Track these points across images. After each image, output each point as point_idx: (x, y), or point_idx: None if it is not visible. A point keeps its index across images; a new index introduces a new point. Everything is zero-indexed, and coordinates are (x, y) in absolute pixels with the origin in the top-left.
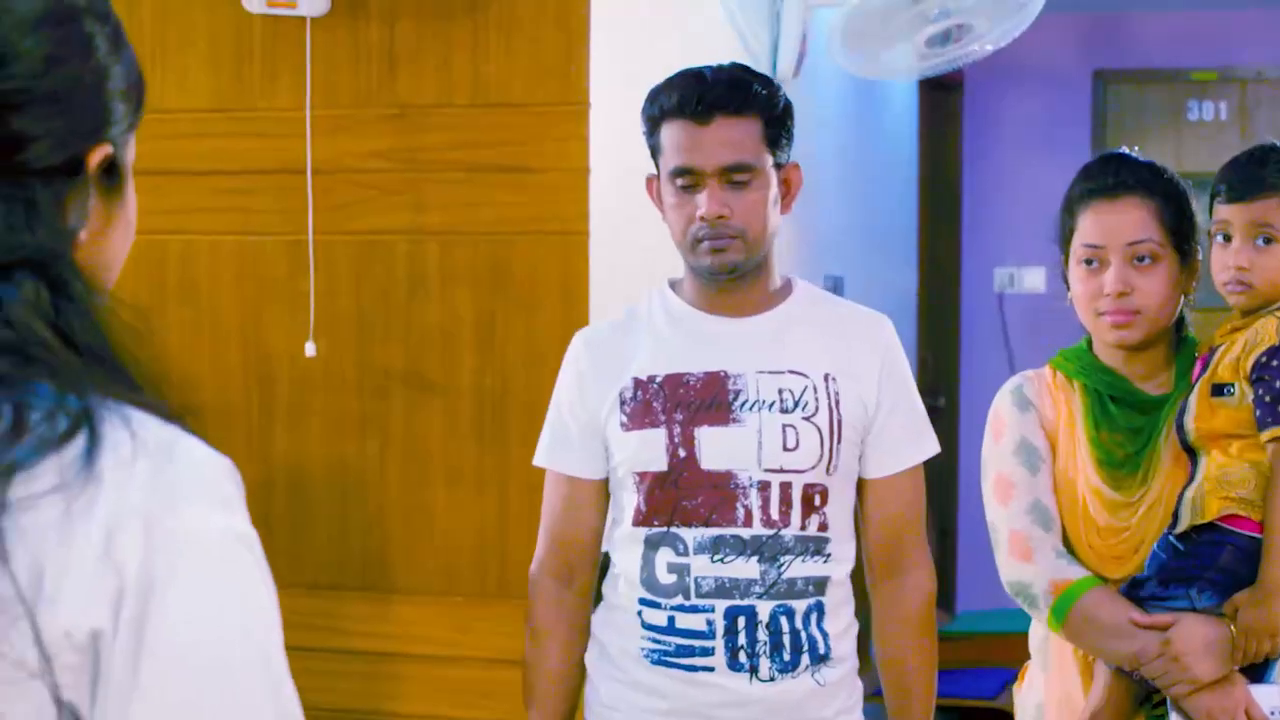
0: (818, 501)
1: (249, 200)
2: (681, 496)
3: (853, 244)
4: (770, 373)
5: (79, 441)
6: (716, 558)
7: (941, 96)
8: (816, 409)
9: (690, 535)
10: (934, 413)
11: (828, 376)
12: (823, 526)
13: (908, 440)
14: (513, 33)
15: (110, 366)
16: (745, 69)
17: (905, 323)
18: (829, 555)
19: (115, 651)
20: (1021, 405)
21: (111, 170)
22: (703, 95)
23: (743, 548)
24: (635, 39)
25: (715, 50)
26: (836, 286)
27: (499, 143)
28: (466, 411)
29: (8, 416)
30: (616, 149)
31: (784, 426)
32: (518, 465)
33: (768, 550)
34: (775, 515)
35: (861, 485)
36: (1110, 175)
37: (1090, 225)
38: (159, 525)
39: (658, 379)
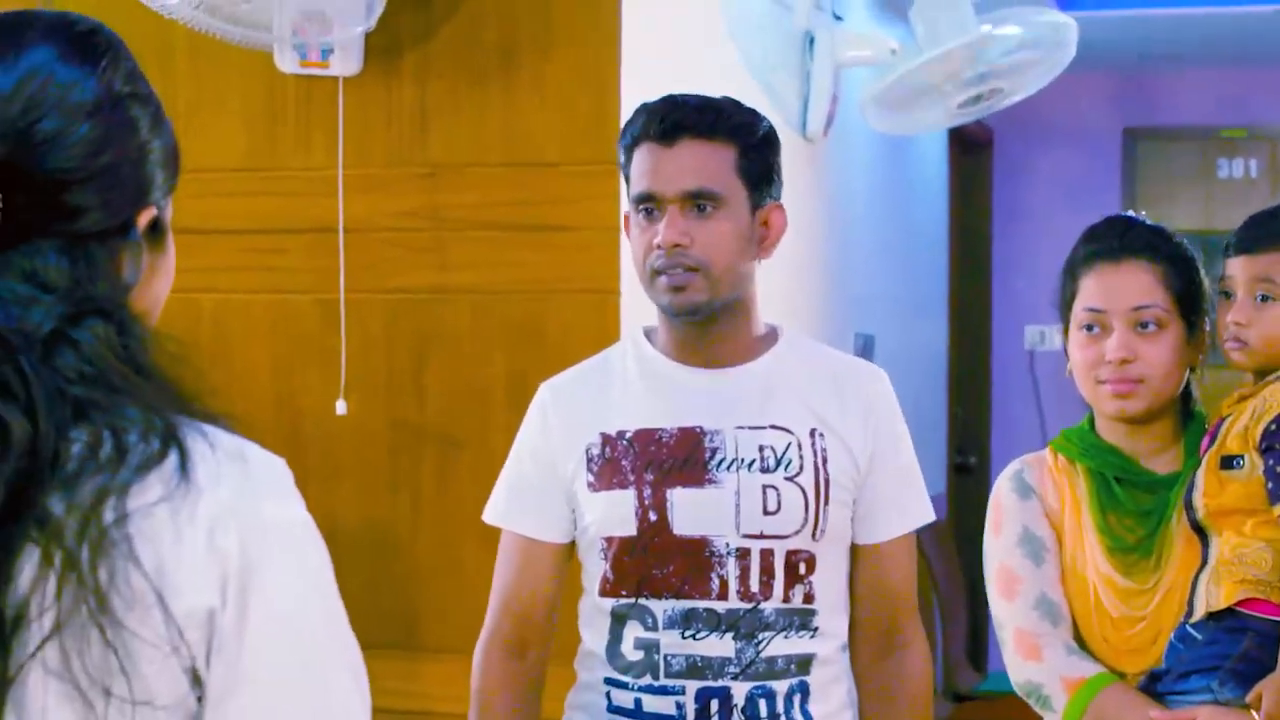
0: (803, 570)
1: (281, 259)
2: (651, 564)
3: (884, 302)
4: (751, 428)
5: (173, 456)
6: (688, 633)
7: (972, 154)
8: (801, 468)
9: (660, 608)
10: (965, 470)
11: (814, 432)
12: (808, 598)
13: (900, 505)
14: (544, 93)
15: (171, 388)
16: (729, 99)
17: (936, 380)
18: (816, 629)
19: (225, 622)
20: (1022, 493)
21: (155, 227)
22: (668, 115)
23: (717, 623)
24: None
25: None
26: (867, 345)
27: (531, 202)
28: (497, 470)
29: (109, 442)
30: None
31: (765, 487)
32: None
33: (745, 626)
34: (755, 587)
35: (851, 553)
36: (1115, 237)
37: (1092, 288)
38: (249, 519)
39: (628, 434)
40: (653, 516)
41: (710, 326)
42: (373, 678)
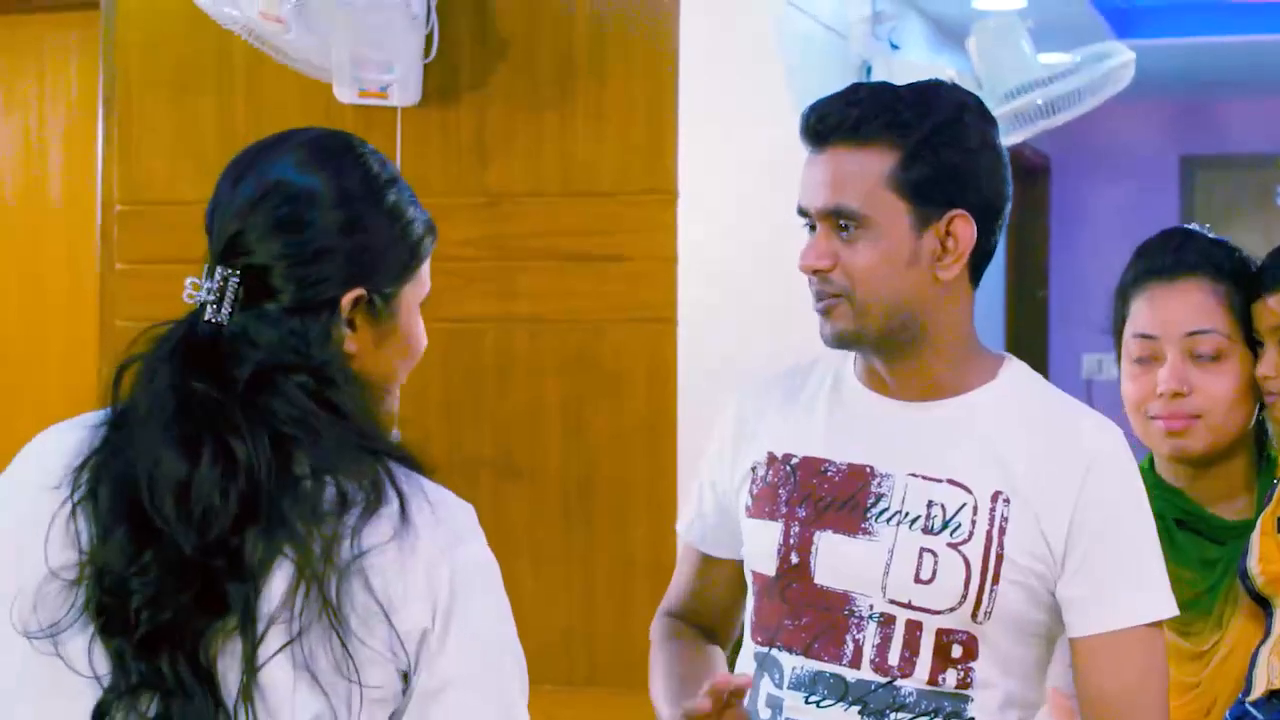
0: (957, 653)
1: None
2: (786, 613)
3: None
4: (924, 478)
5: (394, 502)
6: (811, 699)
7: (1029, 182)
8: (970, 535)
9: (788, 664)
10: None
11: (997, 496)
12: (963, 684)
13: (1115, 593)
14: (602, 122)
15: (367, 431)
16: (924, 86)
17: None
18: None
19: (433, 637)
20: None
21: (372, 305)
22: (820, 113)
23: (844, 692)
24: (722, 129)
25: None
26: None
27: (588, 231)
28: (554, 497)
29: (331, 487)
30: (704, 237)
31: (922, 550)
32: (605, 552)
33: (874, 702)
34: (893, 660)
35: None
36: (1169, 253)
37: (1144, 312)
38: (456, 559)
39: (794, 460)
40: (794, 559)
41: (887, 357)
42: None
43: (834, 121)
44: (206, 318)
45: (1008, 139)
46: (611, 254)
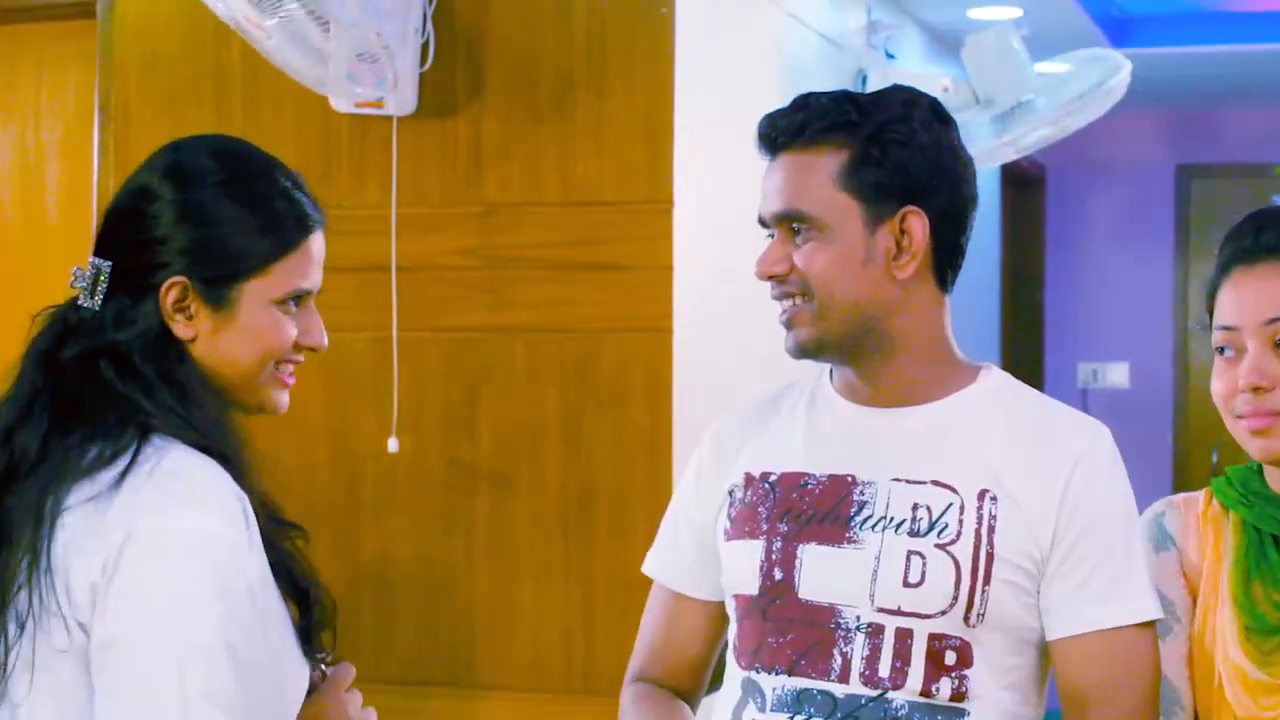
0: (951, 660)
1: (334, 297)
2: (769, 632)
3: None
4: (908, 482)
5: (119, 467)
6: (796, 719)
7: (1025, 191)
8: (958, 535)
9: (770, 685)
10: None
11: (984, 494)
12: (958, 695)
13: (1098, 592)
14: (599, 133)
15: (174, 414)
16: (878, 91)
17: None
18: None
19: (100, 593)
20: (1159, 542)
21: (205, 293)
22: (769, 123)
23: (831, 709)
24: (718, 139)
25: None
26: None
27: (584, 241)
28: (552, 508)
29: (76, 449)
30: (700, 247)
31: (909, 554)
32: (604, 561)
33: (865, 717)
34: (883, 671)
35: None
36: (1250, 235)
37: (1226, 301)
38: (143, 521)
39: (772, 477)
40: (778, 575)
41: (857, 364)
42: (428, 716)
43: (784, 127)
44: (80, 302)
45: (1005, 159)
46: (608, 264)
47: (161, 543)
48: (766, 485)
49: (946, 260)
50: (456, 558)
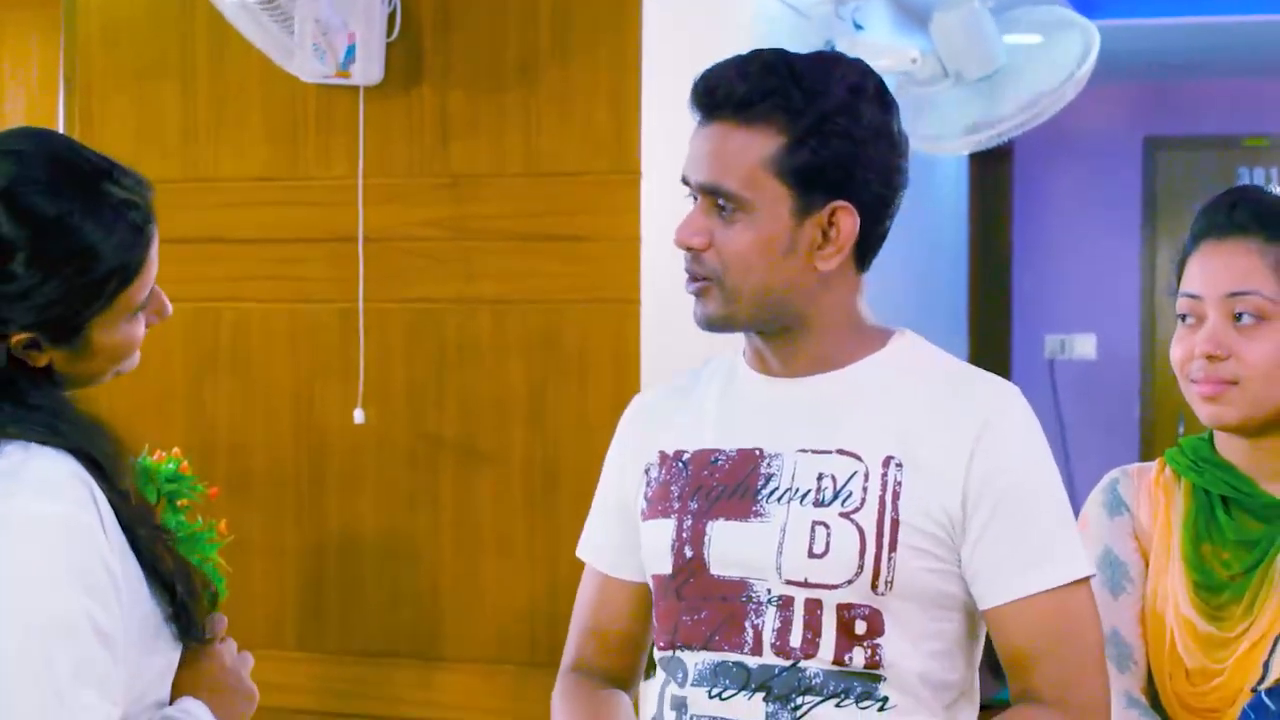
0: (861, 630)
1: (301, 269)
2: (684, 609)
3: (903, 312)
4: (813, 452)
5: None
6: (714, 692)
7: (992, 165)
8: (862, 503)
9: (691, 661)
10: None
11: (889, 461)
12: (872, 664)
13: (1025, 556)
14: (565, 103)
15: (36, 424)
16: (819, 57)
17: None
18: (885, 703)
19: None
20: (1112, 508)
21: (60, 340)
22: (709, 81)
23: (746, 680)
24: (685, 109)
25: None
26: None
27: (551, 212)
28: (517, 480)
29: None
30: (667, 218)
31: (814, 524)
32: (568, 534)
33: (778, 687)
34: (795, 642)
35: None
36: (1224, 211)
37: (1193, 271)
38: None
39: (685, 455)
40: (688, 552)
41: (765, 338)
42: (394, 687)
43: (722, 95)
44: None
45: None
46: (574, 235)
47: (11, 526)
48: (680, 464)
49: (870, 247)
50: (422, 530)
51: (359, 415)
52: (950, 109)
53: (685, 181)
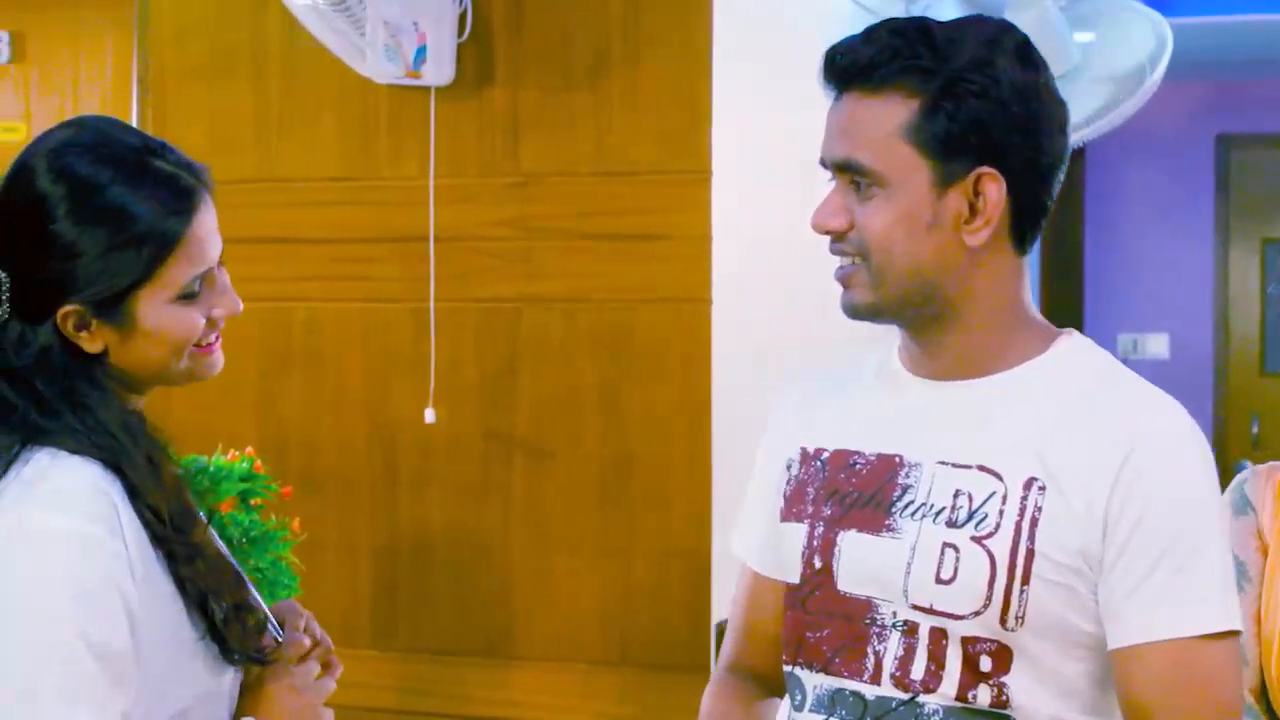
0: (987, 666)
1: (373, 268)
2: (809, 625)
3: None
4: (953, 465)
5: None
6: None
7: None
8: (996, 528)
9: (810, 683)
10: None
11: (1031, 483)
12: (1000, 702)
13: (1153, 595)
14: (635, 102)
15: (69, 429)
16: (959, 22)
17: None
18: None
19: None
20: (1238, 508)
21: (100, 314)
22: (840, 54)
23: (862, 712)
24: (756, 107)
25: None
26: None
27: (621, 211)
28: (589, 478)
29: None
30: (738, 216)
31: (944, 545)
32: (640, 531)
33: None
34: (916, 674)
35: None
36: None
37: None
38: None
39: (825, 454)
40: (817, 563)
41: (914, 331)
42: (464, 685)
43: (847, 64)
44: None
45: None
46: (645, 233)
47: (11, 539)
48: (818, 463)
49: (1027, 222)
50: (493, 529)
51: (430, 414)
52: None
53: (823, 164)
